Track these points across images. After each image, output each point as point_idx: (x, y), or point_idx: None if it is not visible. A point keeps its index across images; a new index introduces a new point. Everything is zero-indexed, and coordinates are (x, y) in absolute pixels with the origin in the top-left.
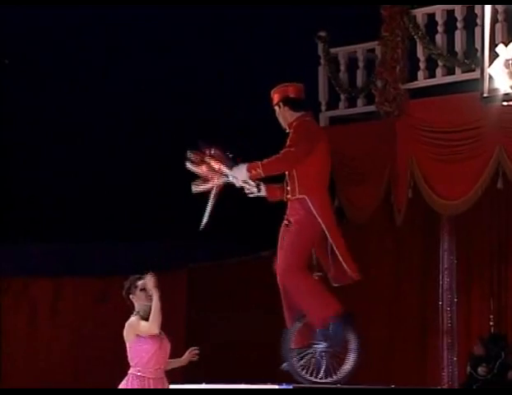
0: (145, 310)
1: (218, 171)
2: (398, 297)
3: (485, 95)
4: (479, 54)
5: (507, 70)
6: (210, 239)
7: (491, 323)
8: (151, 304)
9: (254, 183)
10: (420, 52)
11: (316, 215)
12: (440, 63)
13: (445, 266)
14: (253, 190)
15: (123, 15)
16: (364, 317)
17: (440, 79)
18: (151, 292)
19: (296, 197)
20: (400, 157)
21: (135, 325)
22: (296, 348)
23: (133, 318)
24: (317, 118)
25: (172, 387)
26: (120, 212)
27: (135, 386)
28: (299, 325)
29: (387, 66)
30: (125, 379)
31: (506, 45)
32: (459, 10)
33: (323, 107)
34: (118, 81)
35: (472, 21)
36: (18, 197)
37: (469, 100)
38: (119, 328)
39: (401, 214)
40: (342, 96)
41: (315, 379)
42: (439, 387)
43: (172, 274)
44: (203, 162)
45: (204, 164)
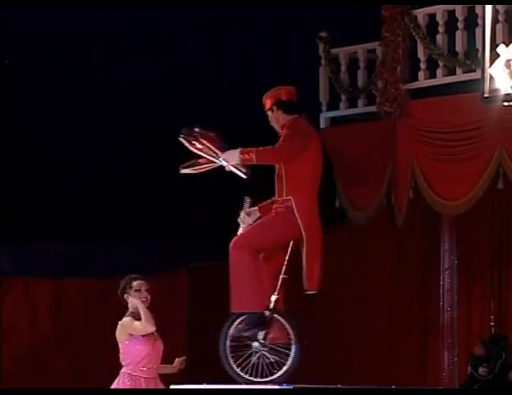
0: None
1: (210, 151)
2: (399, 297)
3: (485, 96)
4: (480, 55)
5: (508, 70)
6: (211, 239)
7: (492, 324)
8: (146, 306)
9: (245, 168)
10: (420, 52)
11: (298, 217)
12: (441, 64)
13: (446, 266)
14: (242, 175)
15: (123, 15)
16: (364, 317)
17: (441, 79)
18: (146, 294)
19: (283, 199)
20: (401, 157)
21: (128, 325)
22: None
23: (126, 319)
24: (317, 119)
25: (172, 387)
26: (121, 213)
27: (127, 385)
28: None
29: (388, 66)
30: (117, 379)
31: (507, 45)
32: (460, 10)
33: (324, 107)
34: (118, 81)
35: (473, 22)
36: (19, 198)
37: (470, 101)
38: None
39: (402, 214)
40: (343, 97)
41: (251, 378)
42: (439, 387)
43: (173, 274)
44: (197, 140)
45: (198, 142)
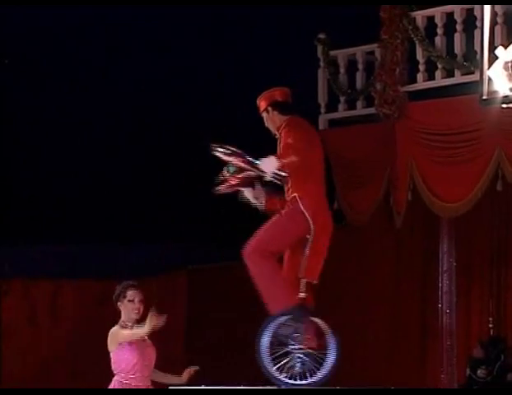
0: (132, 323)
1: (246, 167)
2: (398, 299)
3: (484, 98)
4: (478, 57)
5: (506, 72)
6: (209, 241)
7: (491, 326)
8: (137, 318)
9: (284, 173)
10: (419, 54)
11: (303, 210)
12: (440, 66)
13: (445, 268)
14: (282, 180)
15: (123, 15)
16: (363, 318)
17: (440, 81)
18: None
19: (290, 197)
20: (399, 159)
21: (115, 333)
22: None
23: (114, 328)
24: (316, 121)
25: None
26: (119, 214)
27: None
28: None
29: (386, 68)
30: (109, 386)
31: (506, 48)
32: (459, 12)
33: (323, 109)
34: (118, 81)
35: (472, 24)
36: (18, 199)
37: (469, 103)
38: None
39: (400, 216)
40: (342, 99)
41: (291, 381)
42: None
43: (172, 276)
44: (234, 156)
45: (235, 157)
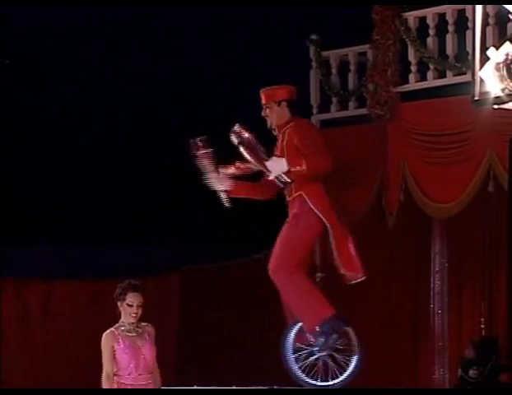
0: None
1: (252, 160)
2: (390, 299)
3: (476, 99)
4: (470, 57)
5: (498, 73)
6: (204, 242)
7: (482, 326)
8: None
9: (289, 179)
10: (411, 55)
11: (313, 207)
12: (432, 66)
13: (437, 269)
14: (281, 185)
15: (123, 15)
16: (355, 319)
17: (432, 82)
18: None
19: (293, 196)
20: (392, 160)
21: (109, 336)
22: (296, 347)
23: (108, 331)
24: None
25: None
26: (113, 215)
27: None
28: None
29: (378, 69)
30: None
31: (497, 48)
32: (450, 13)
33: (315, 110)
34: (118, 81)
35: (463, 25)
36: (12, 201)
37: (460, 103)
38: None
39: (393, 217)
40: (334, 99)
41: (314, 382)
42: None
43: (165, 276)
44: (246, 147)
45: (246, 148)
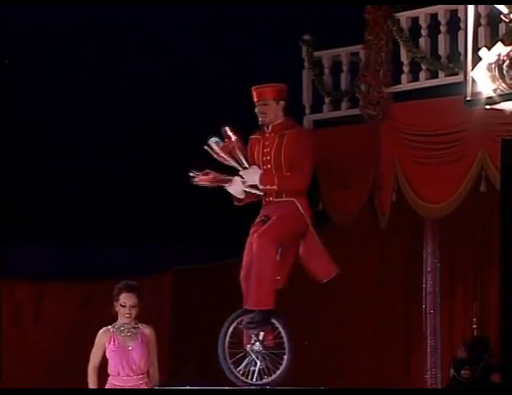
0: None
1: (236, 159)
2: (382, 299)
3: (468, 99)
4: (462, 58)
5: (490, 73)
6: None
7: (475, 326)
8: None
9: (260, 192)
10: (403, 55)
11: (305, 216)
12: (424, 67)
13: (429, 269)
14: (257, 192)
15: (123, 15)
16: (347, 319)
17: (424, 82)
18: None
19: (283, 200)
20: (384, 160)
21: (103, 334)
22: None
23: (105, 328)
24: (301, 122)
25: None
26: (106, 216)
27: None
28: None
29: (371, 69)
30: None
31: (489, 49)
32: (443, 14)
33: (307, 110)
34: (118, 81)
35: (456, 25)
36: (10, 200)
37: (452, 104)
38: None
39: (385, 217)
40: (326, 99)
41: (248, 380)
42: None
43: (157, 277)
44: (226, 148)
45: (226, 151)
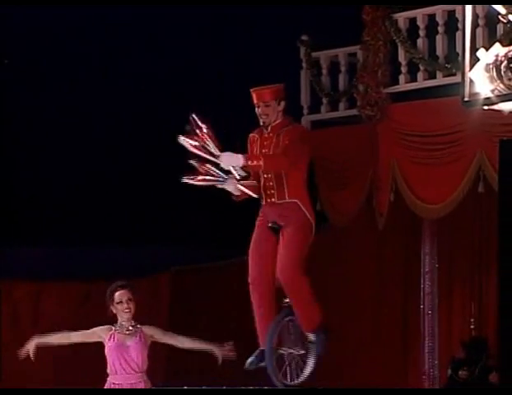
0: (126, 323)
1: (209, 150)
2: (380, 300)
3: (466, 100)
4: (460, 58)
5: (488, 74)
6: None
7: (472, 327)
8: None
9: (242, 173)
10: (401, 56)
11: (310, 218)
12: (422, 67)
13: (427, 269)
14: (237, 176)
15: (123, 15)
16: (345, 319)
17: (422, 83)
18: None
19: (286, 201)
20: (382, 161)
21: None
22: (275, 348)
23: (108, 326)
24: (299, 122)
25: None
26: (105, 216)
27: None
28: (282, 324)
29: (368, 70)
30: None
31: (487, 50)
32: (440, 14)
33: (305, 111)
34: (118, 81)
35: (454, 26)
36: (10, 201)
37: (450, 104)
38: None
39: (383, 217)
40: (324, 100)
41: (286, 382)
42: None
43: (155, 277)
44: (198, 137)
45: (198, 139)
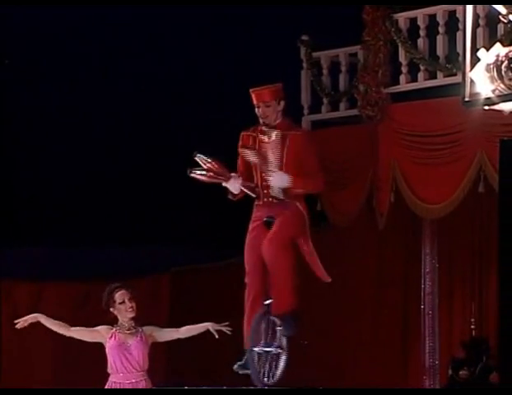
0: (127, 322)
1: (219, 173)
2: (380, 300)
3: (466, 100)
4: (460, 59)
5: (488, 74)
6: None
7: (473, 327)
8: (133, 316)
9: (254, 194)
10: (402, 56)
11: (302, 210)
12: (422, 67)
13: (427, 269)
14: (239, 176)
15: (123, 15)
16: (345, 319)
17: (422, 83)
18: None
19: (284, 201)
20: (382, 161)
21: (104, 329)
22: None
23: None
24: (299, 122)
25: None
26: (105, 216)
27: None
28: (261, 323)
29: (369, 70)
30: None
31: (487, 50)
32: (441, 14)
33: (306, 111)
34: (118, 81)
35: (454, 26)
36: (10, 201)
37: (451, 104)
38: None
39: (383, 218)
40: (325, 100)
41: (266, 382)
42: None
43: (155, 278)
44: (207, 169)
45: (207, 170)
